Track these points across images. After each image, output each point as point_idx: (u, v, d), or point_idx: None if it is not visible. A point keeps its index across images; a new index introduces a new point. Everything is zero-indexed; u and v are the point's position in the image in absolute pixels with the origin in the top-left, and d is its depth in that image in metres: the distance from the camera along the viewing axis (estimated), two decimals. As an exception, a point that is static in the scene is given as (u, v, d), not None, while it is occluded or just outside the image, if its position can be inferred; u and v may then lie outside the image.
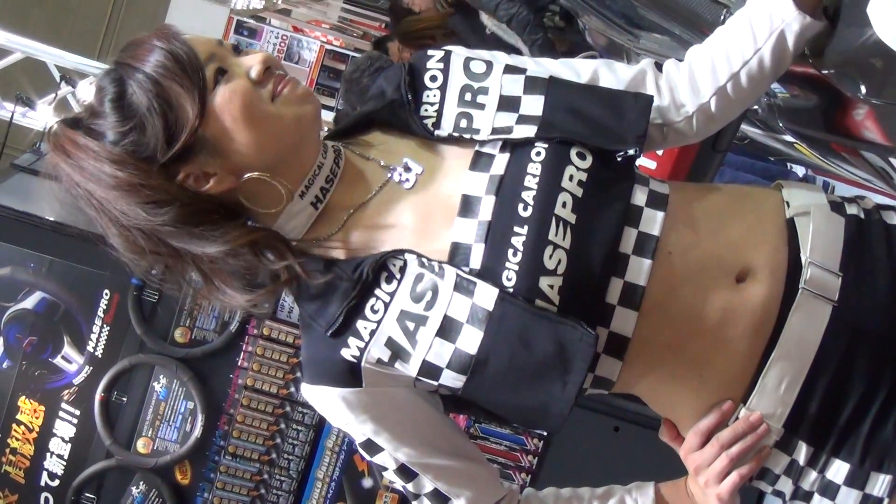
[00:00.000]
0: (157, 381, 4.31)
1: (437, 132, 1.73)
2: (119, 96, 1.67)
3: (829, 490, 1.73)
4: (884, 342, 1.68)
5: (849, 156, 2.30)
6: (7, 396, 4.31)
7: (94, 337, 4.27)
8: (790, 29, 1.69)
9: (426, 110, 1.75)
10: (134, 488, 4.35)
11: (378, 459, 1.75)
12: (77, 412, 4.32)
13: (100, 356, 4.29)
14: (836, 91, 1.87)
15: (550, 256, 1.59)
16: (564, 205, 1.61)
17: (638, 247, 1.65)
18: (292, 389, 4.26)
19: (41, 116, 4.95)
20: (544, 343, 1.59)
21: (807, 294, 1.67)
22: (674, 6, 2.48)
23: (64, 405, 4.32)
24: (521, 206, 1.62)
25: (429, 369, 1.64)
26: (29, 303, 4.25)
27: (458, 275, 1.63)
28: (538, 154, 1.65)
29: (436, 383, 1.66)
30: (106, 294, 4.25)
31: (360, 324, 1.66)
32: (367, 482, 4.30)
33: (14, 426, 4.31)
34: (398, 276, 1.66)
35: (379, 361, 1.66)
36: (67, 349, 4.28)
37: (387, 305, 1.65)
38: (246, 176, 1.66)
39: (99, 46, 9.10)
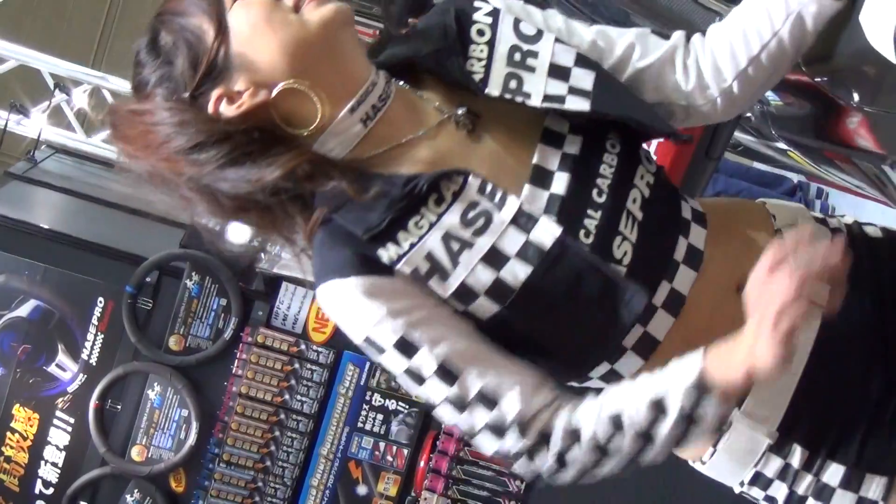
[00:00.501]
0: (152, 389, 4.31)
1: (486, 90, 1.68)
2: (151, 41, 1.67)
3: (823, 494, 1.73)
4: (872, 349, 1.70)
5: (842, 163, 2.31)
6: (1, 404, 4.30)
7: (88, 345, 4.27)
8: (807, 11, 1.68)
9: (472, 65, 1.70)
10: (128, 496, 4.34)
11: (416, 362, 1.62)
12: (71, 420, 4.31)
13: (94, 364, 4.29)
14: (830, 99, 1.87)
15: (618, 246, 1.61)
16: (634, 201, 1.64)
17: (688, 257, 1.68)
18: (286, 397, 4.26)
19: (35, 124, 4.94)
20: (596, 287, 1.60)
21: None
22: (666, 13, 2.48)
23: (58, 413, 4.31)
24: (595, 191, 1.62)
25: (464, 293, 1.61)
26: (23, 311, 4.25)
27: (520, 208, 1.62)
28: (613, 146, 1.66)
29: (465, 307, 1.63)
30: (100, 302, 4.25)
31: (401, 235, 1.61)
32: (362, 489, 4.29)
33: (8, 434, 4.31)
34: (449, 199, 1.63)
35: (414, 272, 1.61)
36: (62, 357, 4.27)
37: (432, 224, 1.61)
38: (279, 87, 1.63)
39: (93, 54, 9.09)
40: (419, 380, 1.62)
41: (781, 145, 2.63)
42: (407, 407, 4.25)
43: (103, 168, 5.11)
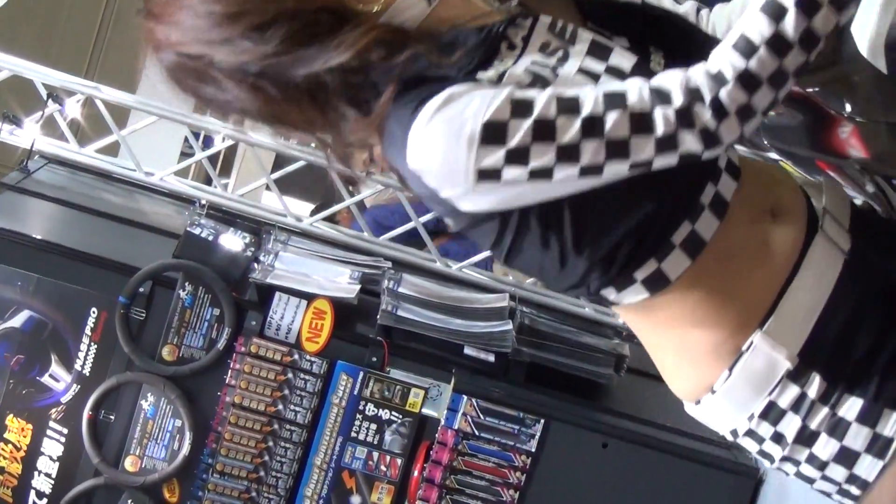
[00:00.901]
0: (145, 399, 4.31)
1: None
2: None
3: (838, 428, 1.72)
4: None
5: (834, 173, 2.32)
6: (-6, 415, 4.30)
7: (81, 355, 4.27)
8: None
9: None
10: (122, 506, 4.34)
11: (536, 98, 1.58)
12: (65, 431, 4.31)
13: (87, 374, 4.29)
14: (821, 109, 1.88)
15: None
16: None
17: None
18: (280, 407, 4.26)
19: (28, 135, 4.94)
20: None
21: (824, 237, 1.73)
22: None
23: (52, 424, 4.31)
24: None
25: None
26: (16, 321, 4.25)
27: (594, 39, 1.64)
28: (659, 64, 1.71)
29: None
30: (93, 312, 4.25)
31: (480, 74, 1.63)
32: (356, 499, 4.29)
33: (1, 445, 4.31)
34: (520, 44, 1.65)
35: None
36: (55, 367, 4.27)
37: (514, 62, 1.64)
38: None
39: (86, 64, 9.08)
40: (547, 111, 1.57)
41: (773, 155, 2.64)
42: (400, 417, 4.25)
43: (96, 178, 5.10)
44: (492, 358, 4.31)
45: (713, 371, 1.78)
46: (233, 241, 4.43)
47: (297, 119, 1.72)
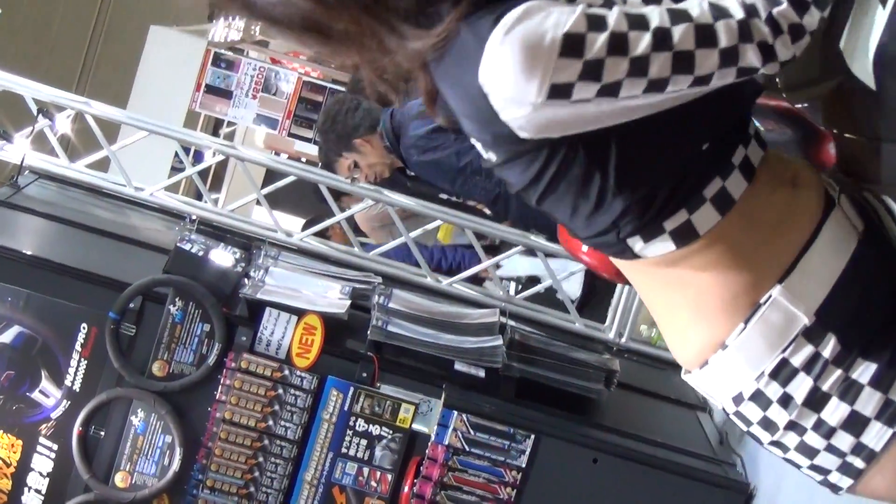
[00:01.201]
0: (135, 415, 4.30)
1: None
2: None
3: (849, 392, 1.72)
4: None
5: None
6: (-16, 431, 4.29)
7: (71, 371, 4.26)
8: None
9: None
10: (112, 522, 4.33)
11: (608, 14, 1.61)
12: (55, 446, 4.30)
13: (77, 390, 4.28)
14: (811, 125, 1.89)
15: None
16: None
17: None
18: (270, 423, 4.25)
19: (18, 150, 4.94)
20: None
21: (840, 211, 1.78)
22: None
23: (42, 439, 4.30)
24: None
25: None
26: (6, 337, 4.24)
27: None
28: None
29: None
30: (83, 328, 4.24)
31: None
32: (346, 515, 4.29)
33: (-9, 461, 4.30)
34: None
35: None
36: (45, 383, 4.26)
37: None
38: None
39: (77, 79, 9.09)
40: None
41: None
42: (391, 432, 4.25)
43: (87, 194, 5.11)
44: (482, 373, 4.31)
45: (728, 324, 1.78)
46: (223, 257, 4.43)
47: (343, 30, 1.71)
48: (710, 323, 1.80)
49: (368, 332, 4.30)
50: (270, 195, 4.99)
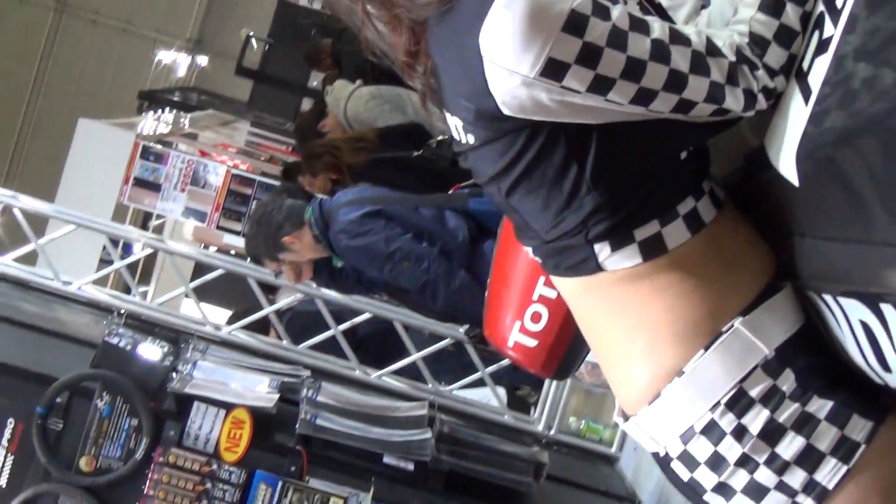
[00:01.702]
0: (62, 511, 4.25)
1: None
2: None
3: (806, 425, 1.68)
4: None
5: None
6: None
7: (-3, 466, 4.22)
8: None
9: None
10: None
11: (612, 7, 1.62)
12: (-21, 544, 4.24)
13: (3, 486, 4.23)
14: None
15: None
16: None
17: None
18: (199, 518, 4.23)
19: (-55, 244, 4.92)
20: None
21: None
22: None
23: (-35, 537, 4.24)
24: None
25: None
26: (-70, 432, 4.19)
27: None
28: None
29: None
30: (10, 423, 4.21)
31: None
32: None
33: (-88, 559, 4.23)
34: None
35: None
36: (-30, 480, 4.21)
37: None
38: None
39: (5, 173, 9.07)
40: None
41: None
42: (320, 526, 4.24)
43: (14, 287, 5.08)
44: (411, 466, 4.31)
45: (688, 350, 1.74)
46: (151, 351, 4.41)
47: None
48: (668, 348, 1.76)
49: (297, 425, 4.29)
50: (200, 287, 4.99)
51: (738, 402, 1.70)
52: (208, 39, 18.41)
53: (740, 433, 1.71)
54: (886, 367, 1.61)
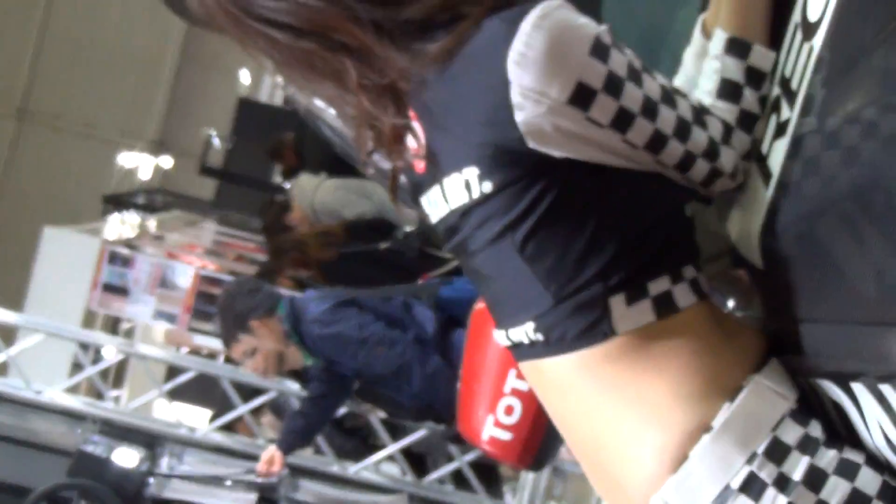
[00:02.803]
0: None
1: None
2: None
3: (848, 470, 1.60)
4: None
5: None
6: None
7: (-26, 582, 4.17)
8: None
9: None
10: None
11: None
12: None
13: None
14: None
15: None
16: None
17: None
18: None
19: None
20: None
21: None
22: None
23: None
24: None
25: None
26: None
27: None
28: None
29: None
30: (-13, 537, 4.17)
31: None
32: None
33: None
34: None
35: None
36: None
37: None
38: None
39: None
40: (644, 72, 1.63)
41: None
42: None
43: (-15, 400, 5.06)
44: (393, 560, 4.30)
45: (711, 405, 1.66)
46: (127, 457, 4.40)
47: (351, 39, 1.69)
48: (688, 407, 1.67)
49: (277, 525, 4.28)
50: (174, 389, 4.98)
51: (777, 450, 1.61)
52: (170, 140, 18.49)
53: (783, 483, 1.60)
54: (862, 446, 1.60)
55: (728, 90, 1.70)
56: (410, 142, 1.76)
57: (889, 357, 1.35)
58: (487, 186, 1.67)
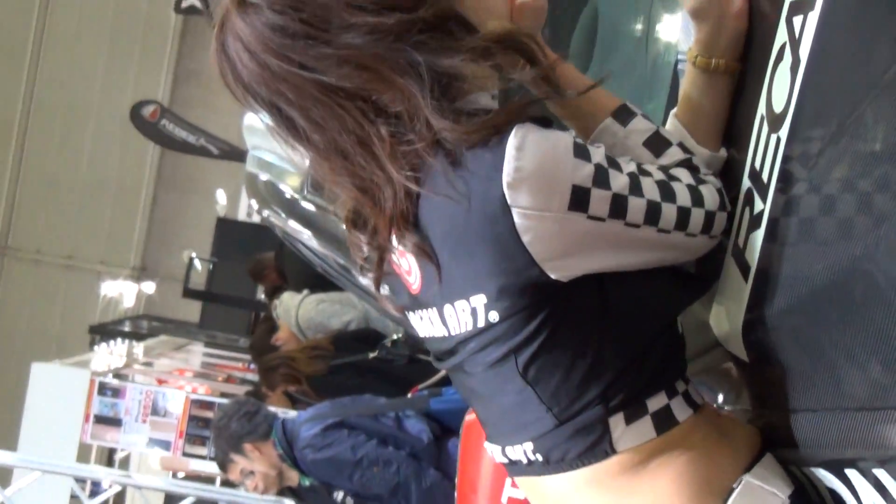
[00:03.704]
0: None
1: None
2: None
3: None
4: None
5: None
6: None
7: None
8: None
9: None
10: None
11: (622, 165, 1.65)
12: None
13: None
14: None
15: None
16: None
17: None
18: None
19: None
20: None
21: None
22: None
23: None
24: None
25: None
26: None
27: None
28: None
29: None
30: None
31: None
32: None
33: None
34: None
35: None
36: None
37: None
38: None
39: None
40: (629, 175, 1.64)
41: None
42: None
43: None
44: None
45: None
46: None
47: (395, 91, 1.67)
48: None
49: None
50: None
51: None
52: (152, 266, 18.53)
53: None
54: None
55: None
56: (403, 263, 1.76)
57: (882, 443, 1.35)
58: (494, 316, 1.66)
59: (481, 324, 1.68)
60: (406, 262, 1.75)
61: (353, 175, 1.71)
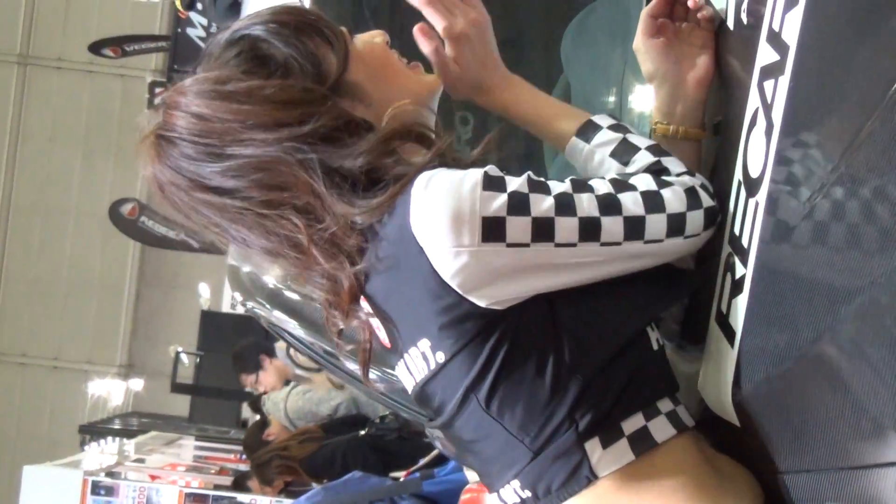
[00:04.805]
0: None
1: None
2: (252, 48, 1.80)
3: None
4: None
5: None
6: None
7: None
8: None
9: None
10: None
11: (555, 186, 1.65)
12: None
13: None
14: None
15: None
16: None
17: None
18: None
19: None
20: None
21: None
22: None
23: None
24: None
25: None
26: None
27: None
28: None
29: None
30: None
31: None
32: None
33: None
34: None
35: None
36: None
37: None
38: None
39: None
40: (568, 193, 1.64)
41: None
42: None
43: None
44: None
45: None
46: None
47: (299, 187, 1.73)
48: None
49: None
50: None
51: None
52: (139, 362, 18.46)
53: None
54: None
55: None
56: (373, 321, 1.79)
57: (875, 499, 1.34)
58: (440, 356, 1.69)
59: (433, 366, 1.70)
60: (374, 321, 1.79)
61: (304, 268, 1.79)
